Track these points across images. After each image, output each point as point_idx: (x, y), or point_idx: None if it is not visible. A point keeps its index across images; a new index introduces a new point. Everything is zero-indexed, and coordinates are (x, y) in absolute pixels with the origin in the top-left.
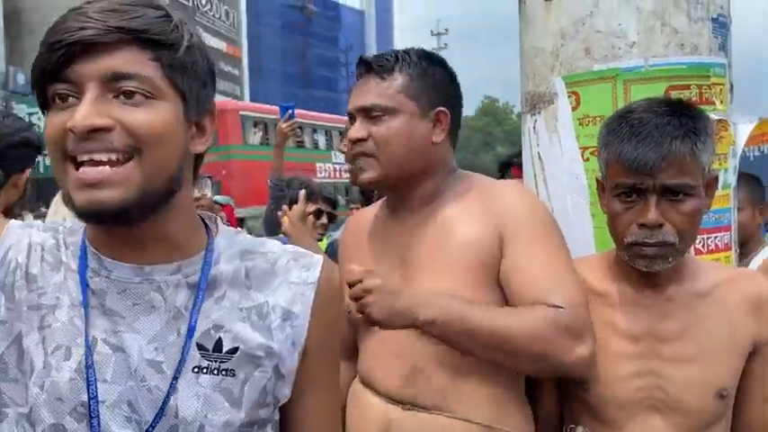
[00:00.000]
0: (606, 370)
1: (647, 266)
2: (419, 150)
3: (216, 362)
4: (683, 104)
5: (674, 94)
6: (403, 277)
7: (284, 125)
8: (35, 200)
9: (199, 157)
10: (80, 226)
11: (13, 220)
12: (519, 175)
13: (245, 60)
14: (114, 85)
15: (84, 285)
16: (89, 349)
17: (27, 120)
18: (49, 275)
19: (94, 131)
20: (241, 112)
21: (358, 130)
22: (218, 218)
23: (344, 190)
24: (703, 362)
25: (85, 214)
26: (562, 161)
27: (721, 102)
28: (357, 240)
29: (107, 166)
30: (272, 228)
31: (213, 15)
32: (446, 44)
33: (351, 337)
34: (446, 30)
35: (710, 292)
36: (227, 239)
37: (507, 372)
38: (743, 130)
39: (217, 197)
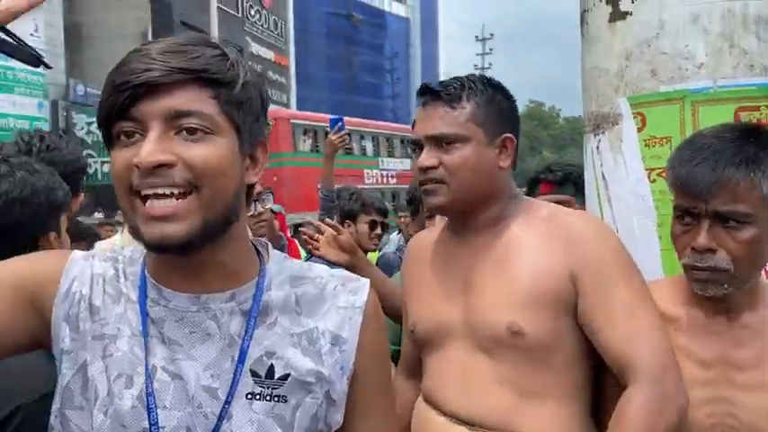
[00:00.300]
0: None
1: (700, 290)
2: (487, 176)
3: (268, 388)
4: (754, 131)
5: (744, 116)
6: (465, 301)
7: (334, 137)
8: (93, 205)
9: (250, 186)
10: (139, 256)
11: (75, 251)
12: (547, 192)
13: (293, 68)
14: (176, 122)
15: (144, 315)
16: (149, 377)
17: (87, 128)
18: (111, 307)
19: (158, 167)
20: (292, 121)
21: (429, 158)
22: (268, 244)
23: (391, 196)
24: None
25: (155, 246)
26: (628, 182)
27: None
28: (419, 262)
29: (172, 199)
30: None
31: (262, 25)
32: (491, 49)
33: (414, 356)
34: (491, 35)
35: None
36: (278, 265)
37: (572, 393)
38: None
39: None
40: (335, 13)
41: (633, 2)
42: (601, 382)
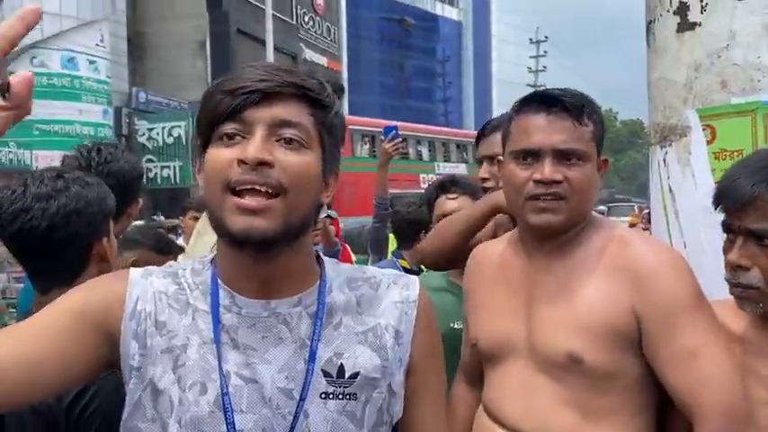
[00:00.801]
0: (753, 420)
1: (740, 307)
2: (593, 198)
3: (340, 387)
4: None
5: None
6: (529, 321)
7: (388, 145)
8: (152, 208)
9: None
10: (203, 266)
11: (132, 270)
12: None
13: (345, 74)
14: (279, 130)
15: (216, 323)
16: (225, 382)
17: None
18: (177, 319)
19: (260, 164)
20: (350, 126)
21: (555, 171)
22: (319, 252)
23: None
24: None
25: (241, 237)
26: (696, 195)
27: None
28: (483, 275)
29: (264, 197)
30: (378, 245)
31: (315, 32)
32: (545, 52)
33: (475, 366)
34: (545, 37)
35: None
36: (334, 270)
37: (636, 413)
38: None
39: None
40: (387, 17)
41: (702, 12)
42: (667, 399)
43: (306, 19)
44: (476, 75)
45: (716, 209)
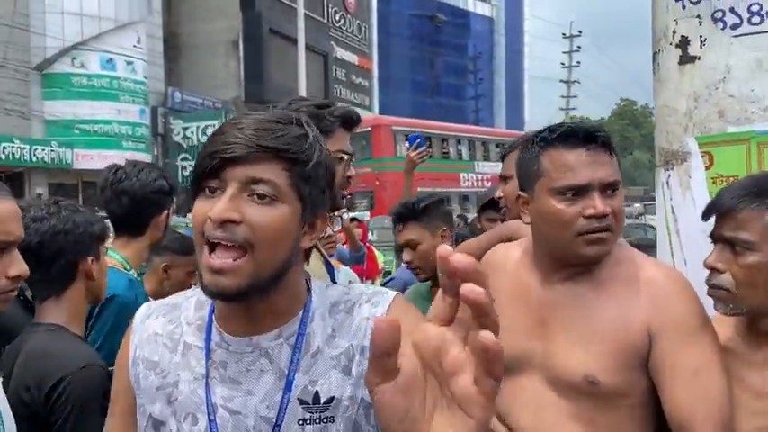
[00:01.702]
0: (736, 425)
1: (714, 307)
2: None
3: (317, 412)
4: None
5: None
6: (544, 340)
7: (413, 153)
8: (189, 206)
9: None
10: (206, 300)
11: (138, 313)
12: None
13: (375, 71)
14: (250, 186)
15: (207, 359)
16: (212, 415)
17: (182, 133)
18: (169, 357)
19: (225, 222)
20: (393, 127)
21: (605, 205)
22: (311, 276)
23: None
24: None
25: (210, 293)
26: (695, 216)
27: None
28: (498, 282)
29: (232, 252)
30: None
31: (347, 30)
32: (579, 47)
33: None
34: (579, 32)
35: None
36: (320, 296)
37: (644, 428)
38: None
39: (354, 214)
40: (419, 14)
41: (701, 47)
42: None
43: (337, 17)
44: (508, 71)
45: (705, 221)
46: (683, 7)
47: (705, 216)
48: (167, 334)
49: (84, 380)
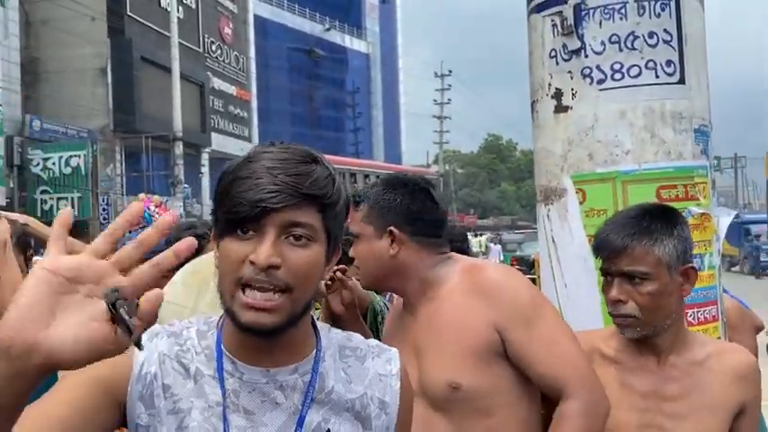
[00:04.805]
0: (618, 421)
1: (622, 333)
2: (382, 264)
3: None
4: (657, 208)
5: (664, 193)
6: (418, 365)
7: None
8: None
9: None
10: (208, 329)
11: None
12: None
13: (254, 103)
14: (288, 229)
15: (223, 387)
16: None
17: (42, 164)
18: (182, 383)
19: (270, 267)
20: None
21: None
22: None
23: None
24: (697, 419)
25: (247, 329)
26: (573, 246)
27: (704, 197)
28: (390, 324)
29: (270, 293)
30: None
31: (223, 61)
32: (449, 85)
33: None
34: (450, 71)
35: (704, 362)
36: (326, 337)
37: (522, 429)
38: (724, 222)
39: None
40: (297, 48)
41: (573, 98)
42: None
43: (213, 48)
44: (384, 106)
45: (596, 257)
46: (557, 63)
47: (596, 253)
48: (175, 357)
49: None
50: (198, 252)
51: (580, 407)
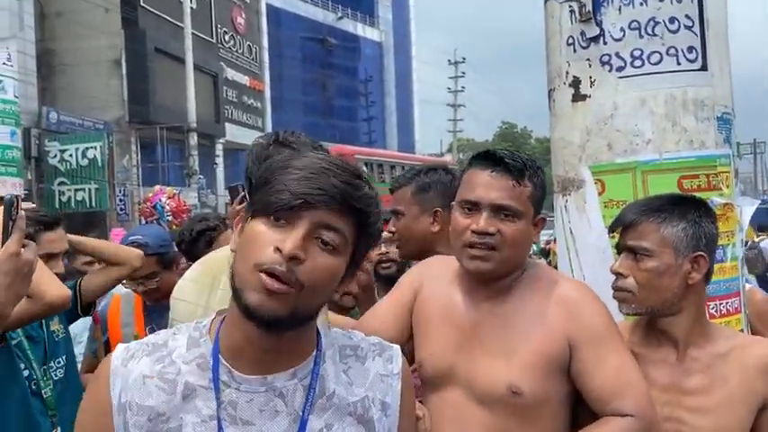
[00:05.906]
0: None
1: (619, 309)
2: (525, 251)
3: None
4: (682, 196)
5: (686, 183)
6: (470, 355)
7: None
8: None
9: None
10: (200, 335)
11: (113, 357)
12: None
13: (268, 93)
14: (319, 230)
15: (218, 399)
16: None
17: (59, 156)
18: (166, 400)
19: (293, 258)
20: (356, 156)
21: (490, 224)
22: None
23: None
24: (719, 414)
25: (251, 315)
26: (591, 237)
27: (727, 187)
28: (432, 294)
29: (284, 285)
30: None
31: (236, 51)
32: (463, 72)
33: None
34: (463, 58)
35: (727, 355)
36: (326, 339)
37: None
38: (747, 211)
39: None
40: (310, 37)
41: (591, 86)
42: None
43: (226, 38)
44: (398, 95)
45: (611, 234)
46: (575, 51)
47: (611, 229)
48: (159, 375)
49: None
50: (209, 244)
51: (638, 427)
